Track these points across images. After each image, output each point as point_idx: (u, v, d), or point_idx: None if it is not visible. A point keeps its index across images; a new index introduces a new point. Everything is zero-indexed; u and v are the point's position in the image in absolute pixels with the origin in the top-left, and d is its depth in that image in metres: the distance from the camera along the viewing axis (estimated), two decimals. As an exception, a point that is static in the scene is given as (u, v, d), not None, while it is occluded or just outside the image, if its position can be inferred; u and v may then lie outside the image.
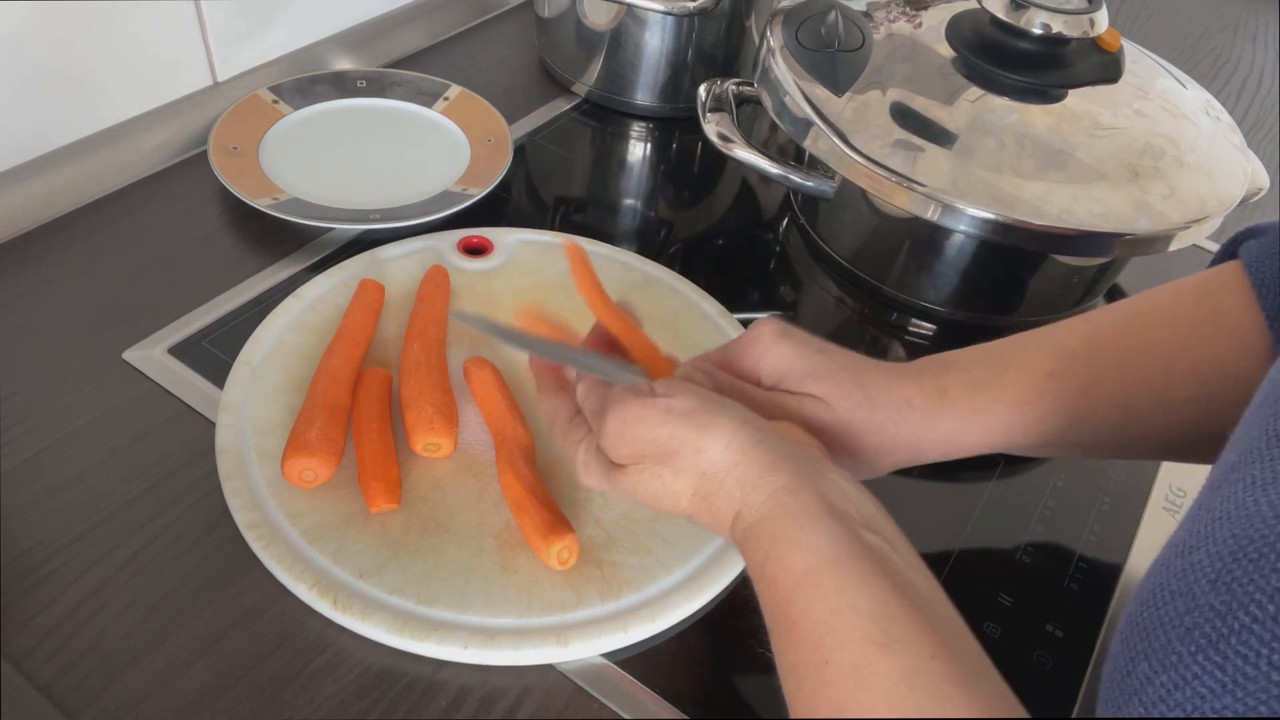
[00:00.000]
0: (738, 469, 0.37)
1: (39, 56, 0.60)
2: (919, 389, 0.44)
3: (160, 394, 0.53)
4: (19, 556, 0.45)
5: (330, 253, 0.63)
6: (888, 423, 0.43)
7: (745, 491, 0.37)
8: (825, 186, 0.63)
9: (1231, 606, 0.25)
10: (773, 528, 0.36)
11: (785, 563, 0.35)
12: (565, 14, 0.79)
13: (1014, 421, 0.44)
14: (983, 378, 0.44)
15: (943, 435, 0.44)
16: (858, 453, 0.43)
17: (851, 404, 0.43)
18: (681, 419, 0.38)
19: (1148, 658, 0.27)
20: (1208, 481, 0.30)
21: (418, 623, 0.43)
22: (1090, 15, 0.62)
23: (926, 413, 0.44)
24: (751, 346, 0.45)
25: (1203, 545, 0.27)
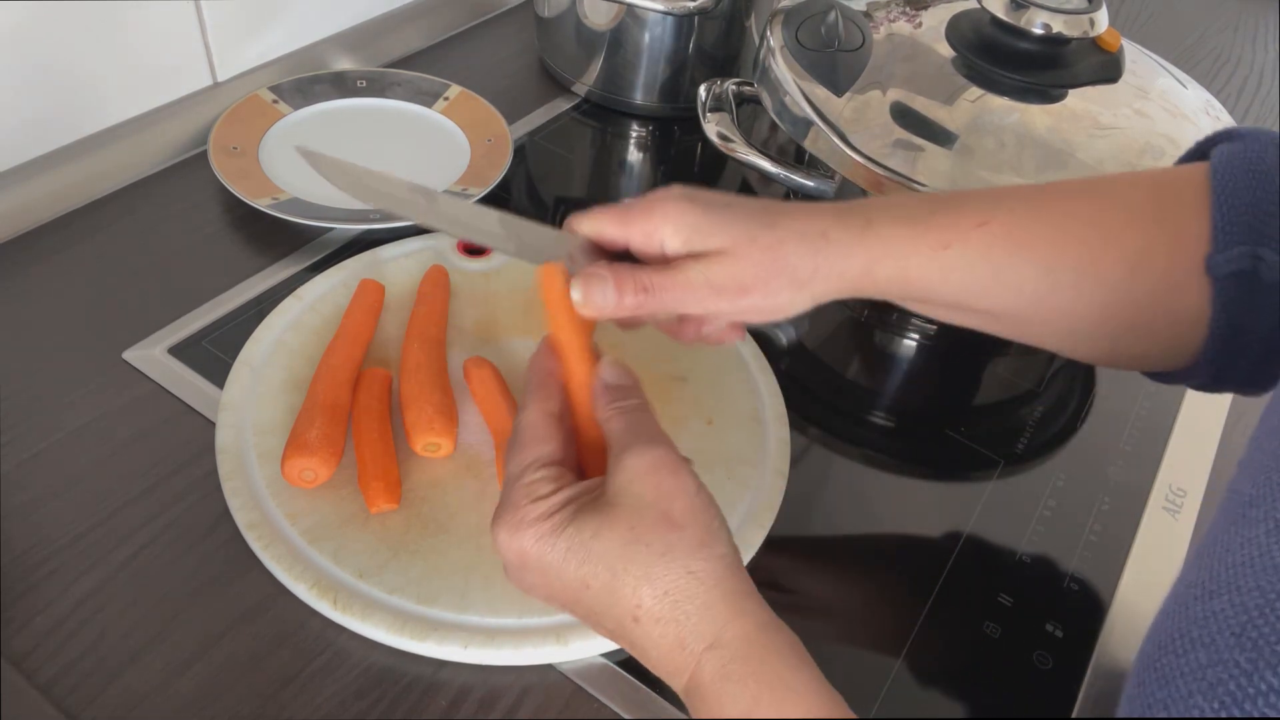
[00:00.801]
0: (724, 586, 0.35)
1: (39, 56, 0.60)
2: (837, 220, 0.42)
3: (160, 394, 0.53)
4: (19, 556, 0.45)
5: (330, 253, 0.63)
6: (802, 258, 0.41)
7: (729, 616, 0.34)
8: (825, 186, 0.63)
9: (1258, 665, 0.24)
10: (764, 669, 0.33)
11: (781, 711, 0.32)
12: (565, 14, 0.79)
13: (935, 261, 0.42)
14: (911, 215, 0.43)
15: (860, 265, 0.42)
16: (770, 291, 0.41)
17: (760, 247, 0.40)
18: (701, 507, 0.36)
19: (1167, 708, 0.26)
20: (1222, 513, 0.29)
21: (418, 623, 0.43)
22: (1090, 15, 0.62)
23: (844, 244, 0.42)
24: (651, 211, 0.42)
25: (1225, 592, 0.26)
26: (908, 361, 0.65)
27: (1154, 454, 0.59)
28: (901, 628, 0.48)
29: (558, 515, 0.36)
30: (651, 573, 0.35)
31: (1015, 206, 0.43)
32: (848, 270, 0.42)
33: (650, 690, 0.44)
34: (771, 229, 0.41)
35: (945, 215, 0.42)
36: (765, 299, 0.41)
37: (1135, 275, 0.41)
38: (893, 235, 0.42)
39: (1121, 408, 0.62)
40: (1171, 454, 0.59)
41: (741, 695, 0.33)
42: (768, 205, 0.43)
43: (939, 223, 0.42)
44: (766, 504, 0.51)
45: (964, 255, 0.42)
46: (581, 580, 0.36)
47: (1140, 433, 0.60)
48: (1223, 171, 0.40)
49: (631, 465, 0.36)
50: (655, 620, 0.35)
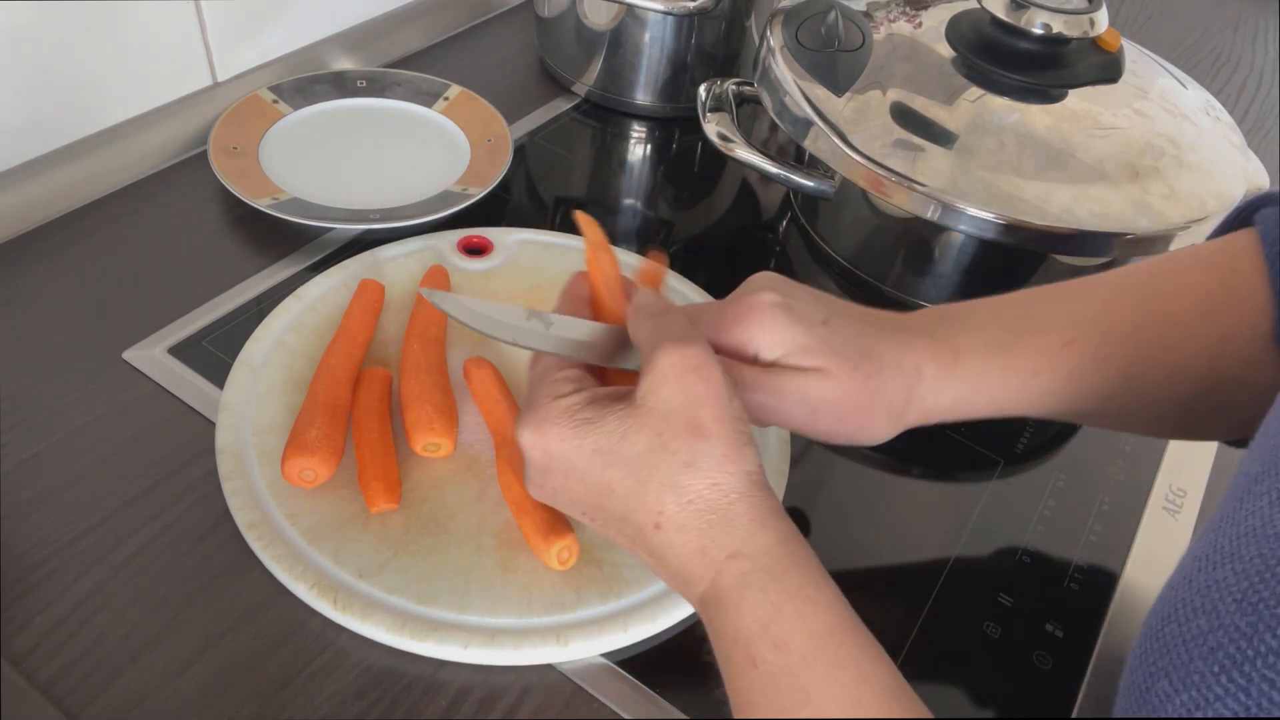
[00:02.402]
0: (750, 498, 0.34)
1: (39, 56, 0.60)
2: (931, 354, 0.42)
3: (160, 394, 0.53)
4: (19, 556, 0.45)
5: (330, 253, 0.63)
6: (898, 391, 0.41)
7: (753, 528, 0.34)
8: (825, 186, 0.63)
9: (1258, 628, 0.24)
10: (786, 579, 0.33)
11: (802, 622, 0.32)
12: (565, 14, 0.79)
13: (1026, 390, 0.43)
14: (998, 341, 0.43)
15: (952, 399, 0.42)
16: (868, 422, 0.41)
17: (860, 377, 0.40)
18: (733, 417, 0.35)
19: (1168, 675, 0.26)
20: (1230, 491, 0.30)
21: (418, 623, 0.43)
22: (1090, 15, 0.62)
23: (937, 379, 0.42)
24: (746, 320, 0.41)
25: (1228, 561, 0.26)
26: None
27: (1154, 454, 0.59)
28: (902, 628, 0.48)
29: (584, 412, 0.36)
30: (676, 481, 0.34)
31: (1096, 318, 0.43)
32: (939, 405, 0.43)
33: (650, 690, 0.44)
34: (870, 358, 0.41)
35: (1031, 337, 0.43)
36: (860, 430, 0.41)
37: (1216, 363, 0.41)
38: (984, 369, 0.42)
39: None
40: (1171, 454, 0.59)
41: (763, 602, 0.33)
42: (864, 324, 0.42)
43: (1026, 347, 0.42)
44: (766, 504, 0.50)
45: (1053, 379, 0.42)
46: (606, 484, 0.35)
47: (1140, 433, 0.60)
48: (1271, 238, 0.41)
49: (661, 366, 0.35)
50: (678, 528, 0.34)
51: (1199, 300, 0.42)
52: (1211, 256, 0.43)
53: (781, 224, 0.74)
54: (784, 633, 0.32)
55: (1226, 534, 0.27)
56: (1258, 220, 0.42)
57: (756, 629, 0.32)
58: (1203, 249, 0.44)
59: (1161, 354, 0.42)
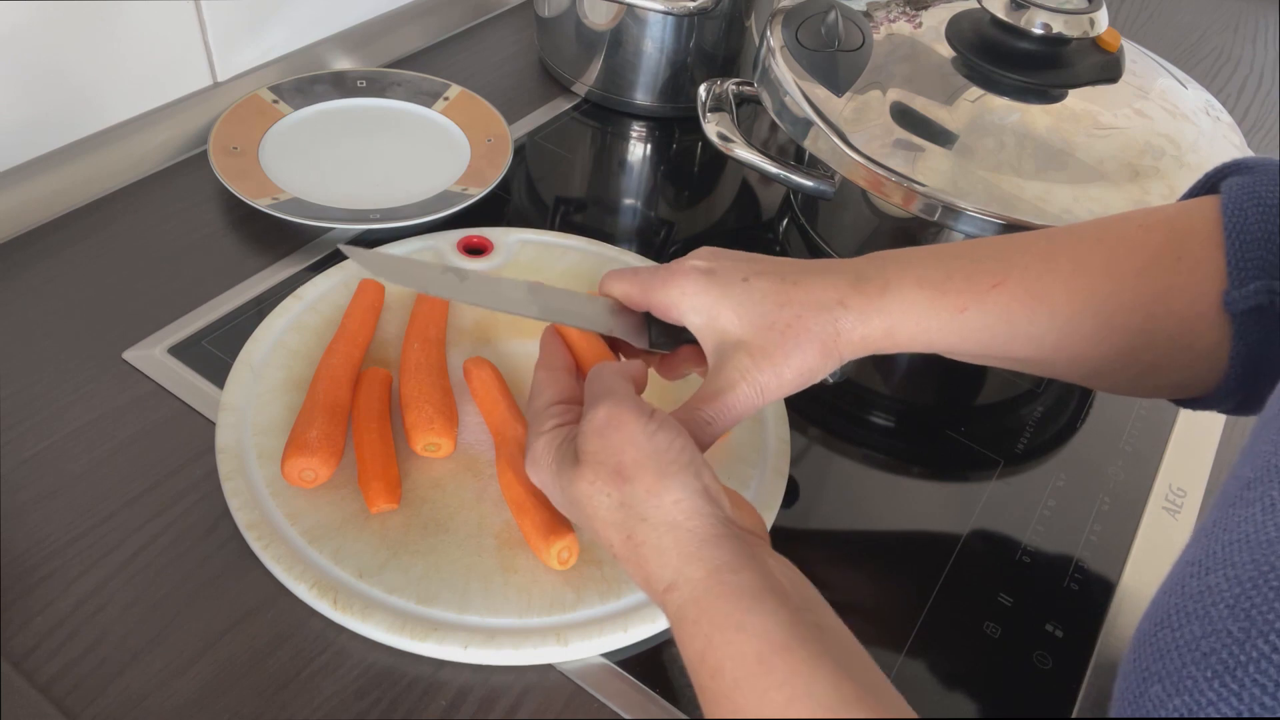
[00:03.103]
0: (677, 532, 0.36)
1: (39, 57, 0.60)
2: (855, 288, 0.43)
3: (160, 394, 0.53)
4: (19, 556, 0.45)
5: (330, 253, 0.63)
6: (822, 326, 0.43)
7: (682, 561, 0.35)
8: (825, 186, 0.63)
9: (1250, 634, 0.24)
10: (715, 610, 0.34)
11: (731, 649, 0.33)
12: (565, 14, 0.79)
13: (953, 325, 0.43)
14: (928, 277, 0.43)
15: (881, 328, 0.43)
16: (805, 363, 0.43)
17: (781, 325, 0.42)
18: (654, 452, 0.37)
19: (1161, 680, 0.26)
20: (1222, 495, 0.30)
21: (418, 623, 0.43)
22: (1090, 15, 0.62)
23: (862, 311, 0.43)
24: (669, 284, 0.44)
25: (1220, 568, 0.26)
26: (908, 361, 0.65)
27: (1154, 454, 0.59)
28: (902, 627, 0.48)
29: (559, 452, 0.40)
30: (614, 520, 0.37)
31: (1029, 264, 0.43)
32: (869, 334, 0.43)
33: (650, 690, 0.44)
34: (787, 306, 0.43)
35: (961, 278, 0.43)
36: (800, 373, 0.43)
37: (1154, 319, 0.41)
38: (910, 300, 0.43)
39: (1121, 408, 0.62)
40: (1171, 454, 0.59)
41: (696, 634, 0.34)
42: (784, 274, 0.44)
43: (955, 286, 0.43)
44: (766, 504, 0.51)
45: (981, 317, 0.43)
46: (574, 516, 0.40)
47: (1140, 433, 0.60)
48: (1233, 207, 0.41)
49: (586, 423, 0.39)
50: (626, 560, 0.37)
51: (1142, 256, 0.42)
52: (1166, 218, 0.43)
53: (781, 224, 0.74)
54: (716, 662, 0.33)
55: (1219, 540, 0.27)
56: (1223, 188, 0.42)
57: (696, 660, 0.34)
58: (1160, 210, 0.44)
59: (1094, 301, 0.42)
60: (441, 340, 0.55)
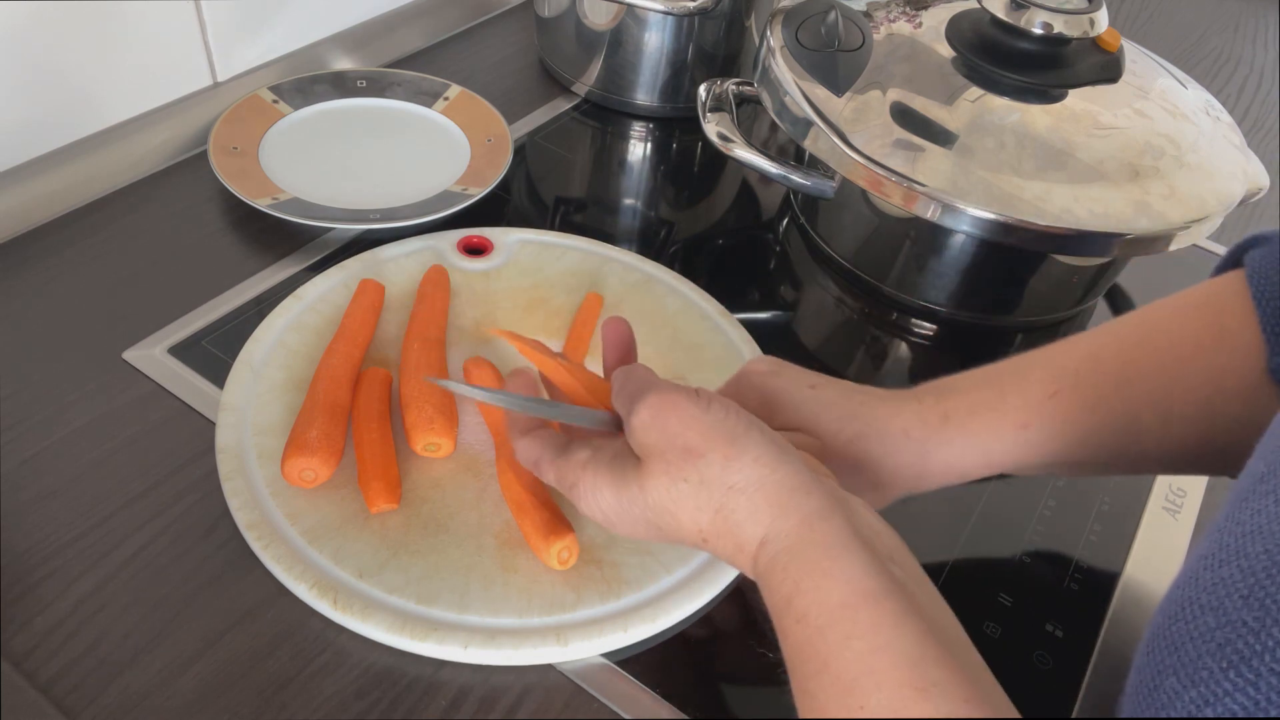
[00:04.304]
0: (766, 487, 0.35)
1: (39, 56, 0.60)
2: (917, 418, 0.43)
3: (160, 394, 0.53)
4: (19, 556, 0.45)
5: (330, 253, 0.63)
6: (885, 456, 0.43)
7: (774, 514, 0.35)
8: (825, 186, 0.63)
9: (1265, 623, 0.24)
10: (804, 556, 0.34)
11: (818, 595, 0.33)
12: (565, 14, 0.79)
13: (1017, 444, 0.43)
14: (984, 400, 0.44)
15: (941, 462, 0.43)
16: (855, 490, 0.41)
17: (844, 439, 0.42)
18: (715, 423, 0.36)
19: (1176, 672, 0.26)
20: (1234, 492, 0.30)
21: (418, 623, 0.43)
22: (1090, 15, 0.62)
23: (924, 441, 0.43)
24: (738, 385, 0.45)
25: (1234, 559, 0.27)
26: (908, 361, 0.65)
27: (1154, 454, 0.59)
28: (901, 628, 0.48)
29: (606, 475, 0.39)
30: (699, 501, 0.37)
31: (1080, 369, 0.44)
32: (927, 470, 0.43)
33: (650, 690, 0.44)
34: (857, 419, 0.43)
35: (1015, 393, 0.44)
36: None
37: (1211, 404, 0.42)
38: (973, 429, 0.43)
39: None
40: (1171, 454, 0.59)
41: (785, 580, 0.34)
42: (851, 391, 0.44)
43: (1011, 403, 0.43)
44: (766, 504, 0.50)
45: (1044, 430, 0.43)
46: (651, 523, 0.38)
47: (1140, 433, 0.60)
48: (1259, 279, 0.41)
49: (638, 423, 0.38)
50: (717, 535, 0.37)
51: (1186, 343, 0.43)
52: (1198, 300, 0.44)
53: (781, 224, 0.74)
54: (803, 607, 0.33)
55: (1232, 533, 0.28)
56: (1246, 261, 0.43)
57: (782, 605, 0.34)
58: (1189, 293, 0.45)
59: (1151, 396, 0.43)
60: (441, 340, 0.55)
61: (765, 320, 0.65)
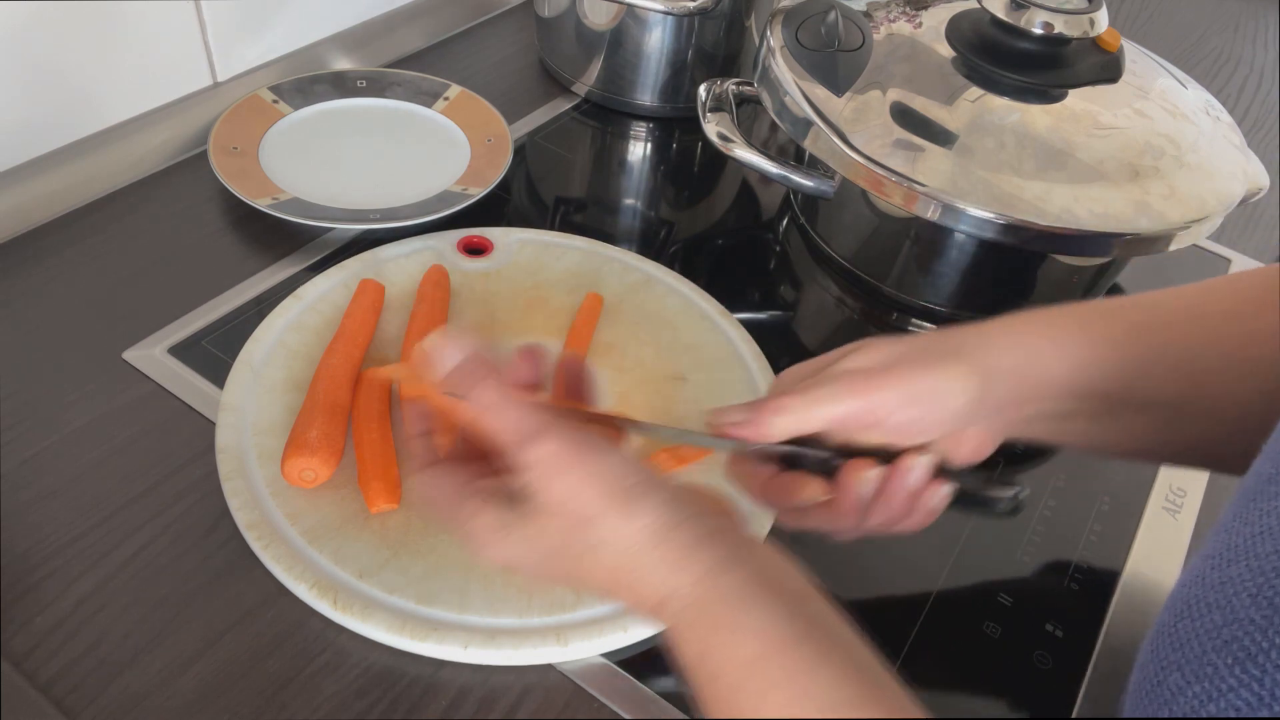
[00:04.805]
0: (660, 547, 0.34)
1: (39, 56, 0.60)
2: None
3: (160, 394, 0.53)
4: (19, 556, 0.45)
5: (330, 253, 0.63)
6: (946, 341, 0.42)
7: (670, 572, 0.34)
8: (825, 186, 0.63)
9: (1273, 621, 0.24)
10: (710, 613, 0.33)
11: (729, 651, 0.32)
12: (565, 14, 0.79)
13: (1092, 346, 0.42)
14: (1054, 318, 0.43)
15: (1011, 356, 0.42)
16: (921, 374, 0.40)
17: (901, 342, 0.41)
18: (612, 481, 0.34)
19: (1180, 669, 0.26)
20: (1241, 491, 0.30)
21: (418, 623, 0.43)
22: (1090, 15, 0.62)
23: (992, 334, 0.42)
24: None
25: (1242, 559, 0.27)
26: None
27: (1154, 454, 0.59)
28: (901, 628, 0.48)
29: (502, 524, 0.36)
30: (598, 561, 0.35)
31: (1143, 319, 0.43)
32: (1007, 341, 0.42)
33: (650, 690, 0.44)
34: (915, 335, 0.42)
35: (1092, 313, 0.43)
36: (925, 377, 0.40)
37: (1242, 370, 0.40)
38: (1044, 328, 0.42)
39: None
40: (1171, 454, 0.59)
41: (693, 639, 0.34)
42: (930, 333, 0.43)
43: (1088, 318, 0.42)
44: (766, 504, 0.50)
45: (1108, 350, 0.41)
46: (551, 571, 0.37)
47: (1140, 433, 0.60)
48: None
49: (528, 471, 0.35)
50: (616, 593, 0.36)
51: (1251, 299, 0.42)
52: (1261, 276, 0.43)
53: (781, 224, 0.74)
54: (715, 665, 0.33)
55: (1240, 533, 0.28)
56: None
57: (694, 663, 0.34)
58: (1244, 272, 0.44)
59: (1219, 338, 0.41)
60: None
61: (765, 320, 0.65)
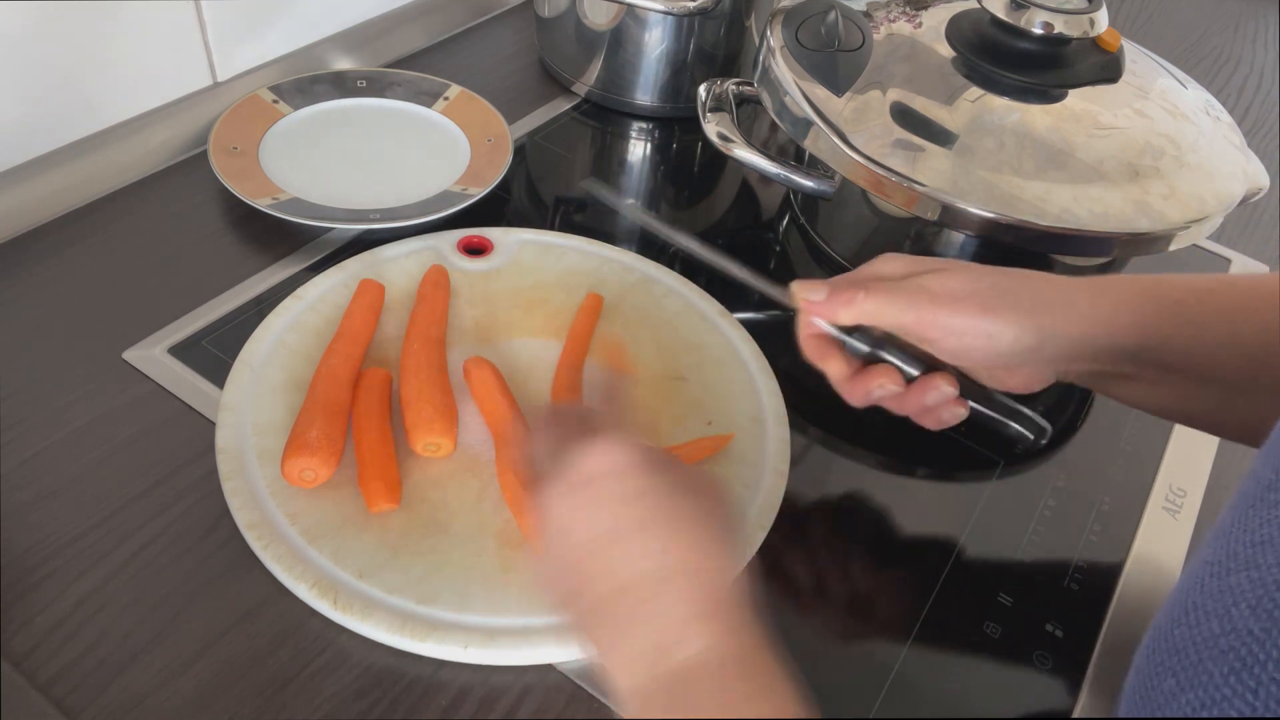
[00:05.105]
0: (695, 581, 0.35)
1: (39, 56, 0.60)
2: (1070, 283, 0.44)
3: (160, 394, 0.53)
4: (19, 556, 0.45)
5: (330, 253, 0.63)
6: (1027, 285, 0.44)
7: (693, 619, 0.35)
8: (825, 186, 0.63)
9: (1271, 633, 0.24)
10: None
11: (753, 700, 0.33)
12: (565, 14, 0.79)
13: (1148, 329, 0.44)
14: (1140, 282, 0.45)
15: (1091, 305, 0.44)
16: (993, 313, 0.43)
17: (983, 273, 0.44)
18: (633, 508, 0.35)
19: (1175, 674, 0.26)
20: (1241, 495, 0.30)
21: (418, 623, 0.43)
22: (1090, 15, 0.62)
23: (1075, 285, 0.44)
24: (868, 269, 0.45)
25: (1243, 569, 0.26)
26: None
27: (1154, 454, 0.59)
28: (902, 628, 0.48)
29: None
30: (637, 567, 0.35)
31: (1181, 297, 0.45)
32: (1078, 306, 0.44)
33: (650, 690, 0.44)
34: (1000, 271, 0.43)
35: (1163, 287, 0.44)
36: (983, 319, 0.43)
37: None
38: (1112, 299, 0.44)
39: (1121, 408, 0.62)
40: (1171, 454, 0.59)
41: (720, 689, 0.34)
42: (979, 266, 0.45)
43: (1157, 291, 0.44)
44: (766, 504, 0.51)
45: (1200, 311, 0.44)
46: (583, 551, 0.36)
47: (1140, 433, 0.60)
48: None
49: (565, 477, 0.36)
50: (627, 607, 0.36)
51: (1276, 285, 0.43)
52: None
53: (781, 224, 0.74)
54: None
55: (1241, 540, 0.27)
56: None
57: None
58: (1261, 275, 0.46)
59: (1250, 310, 0.43)
60: (442, 340, 0.55)
61: (765, 320, 0.65)
